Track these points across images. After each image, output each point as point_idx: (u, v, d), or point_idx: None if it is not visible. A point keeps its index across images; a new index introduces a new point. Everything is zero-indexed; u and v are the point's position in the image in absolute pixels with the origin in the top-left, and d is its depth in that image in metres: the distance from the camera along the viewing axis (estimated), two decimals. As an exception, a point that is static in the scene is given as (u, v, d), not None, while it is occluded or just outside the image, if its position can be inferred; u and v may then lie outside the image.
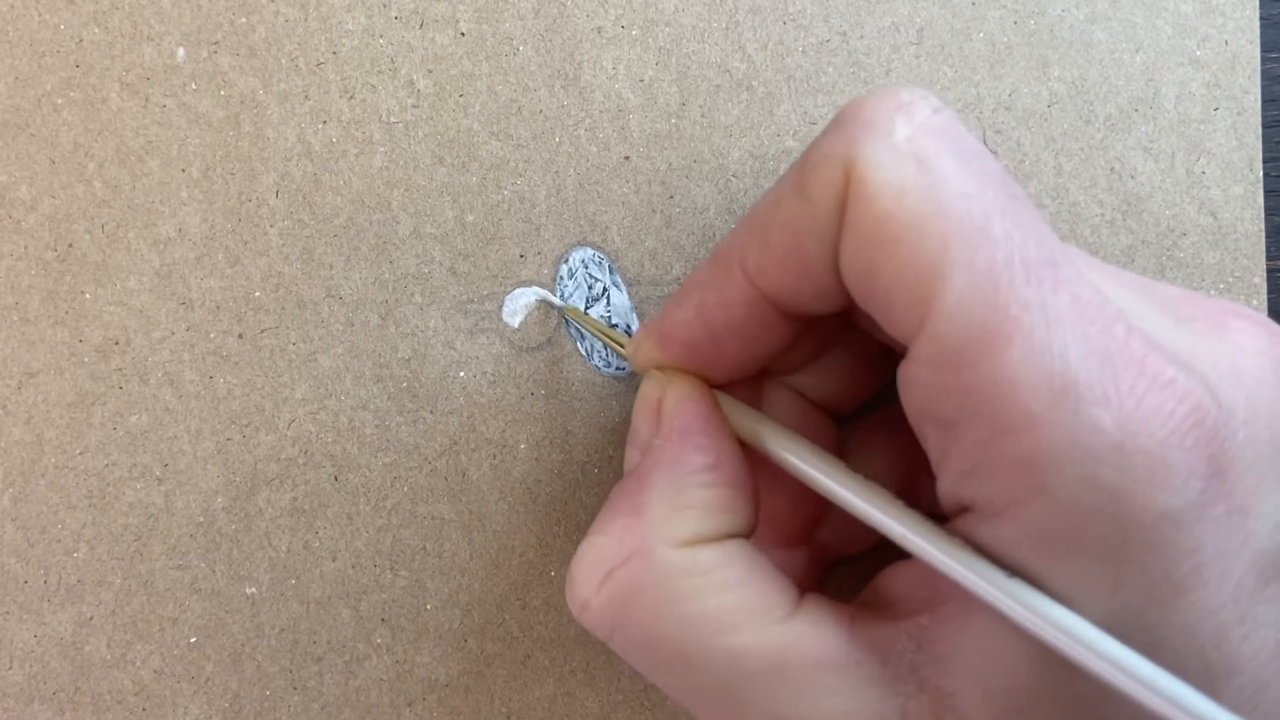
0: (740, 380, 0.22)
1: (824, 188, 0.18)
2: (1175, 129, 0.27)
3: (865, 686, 0.18)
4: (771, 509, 0.23)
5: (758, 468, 0.21)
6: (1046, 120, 0.27)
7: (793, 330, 0.21)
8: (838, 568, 0.26)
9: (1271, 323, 0.19)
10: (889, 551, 0.20)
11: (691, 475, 0.20)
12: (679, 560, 0.19)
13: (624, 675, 0.27)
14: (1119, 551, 0.16)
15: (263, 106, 0.27)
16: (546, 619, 0.27)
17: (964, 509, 0.18)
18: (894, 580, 0.20)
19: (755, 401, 0.23)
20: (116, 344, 0.27)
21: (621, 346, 0.25)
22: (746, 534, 0.20)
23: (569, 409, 0.27)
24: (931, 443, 0.18)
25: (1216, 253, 0.27)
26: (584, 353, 0.27)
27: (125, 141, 0.27)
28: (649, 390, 0.22)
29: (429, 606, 0.26)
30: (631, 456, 0.22)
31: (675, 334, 0.21)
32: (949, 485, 0.18)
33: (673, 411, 0.21)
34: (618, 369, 0.27)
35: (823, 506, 0.23)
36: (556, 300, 0.26)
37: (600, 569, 0.19)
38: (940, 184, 0.17)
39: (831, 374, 0.23)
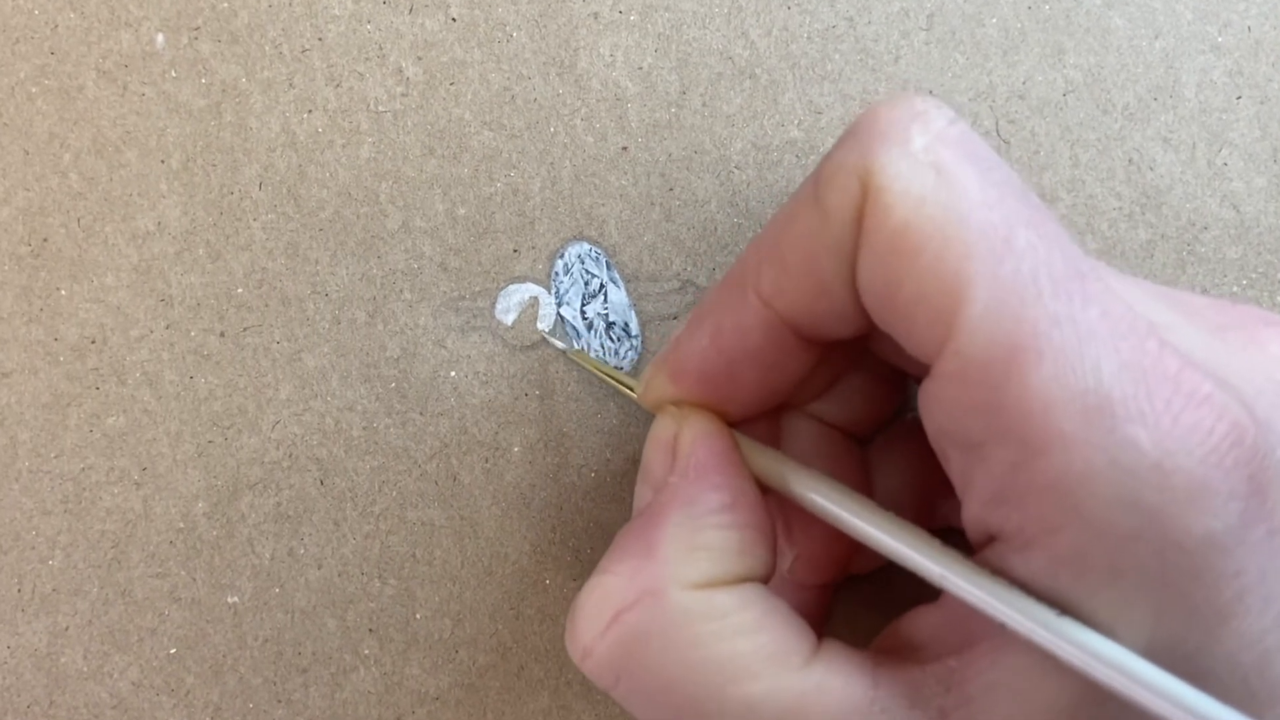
0: (758, 414, 0.22)
1: (840, 199, 0.17)
2: (1196, 118, 0.27)
3: None
4: (808, 545, 0.22)
5: (788, 505, 0.21)
6: (1062, 109, 0.27)
7: (811, 357, 0.20)
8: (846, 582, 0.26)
9: None
10: (900, 570, 0.19)
11: (707, 515, 0.19)
12: (693, 603, 0.18)
13: None
14: (1160, 578, 0.16)
15: (245, 95, 0.26)
16: (541, 629, 0.26)
17: (992, 537, 0.17)
18: (917, 624, 0.20)
19: (774, 432, 0.23)
20: (93, 343, 0.26)
21: (630, 390, 0.24)
22: (764, 578, 0.20)
23: (565, 410, 0.26)
24: (955, 466, 0.18)
25: (1239, 248, 0.27)
26: (580, 348, 0.26)
27: (102, 132, 0.26)
28: (663, 427, 0.21)
29: (418, 616, 0.26)
30: (643, 495, 0.21)
31: (689, 366, 0.20)
32: (976, 512, 0.17)
33: (689, 449, 0.20)
34: (615, 368, 0.26)
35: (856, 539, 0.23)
36: (559, 344, 0.26)
37: (607, 611, 0.19)
38: (961, 194, 0.17)
39: (851, 399, 0.23)
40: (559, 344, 0.26)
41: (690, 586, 0.18)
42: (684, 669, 0.18)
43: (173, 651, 0.26)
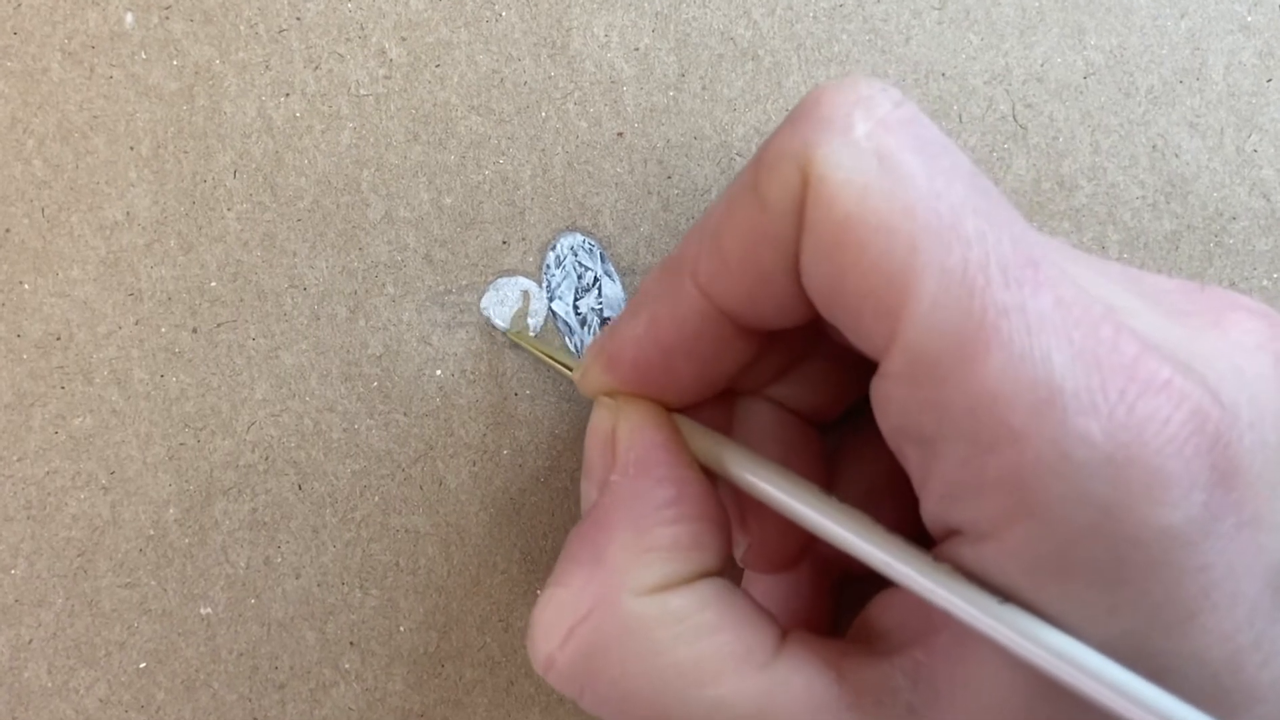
0: (704, 401, 0.21)
1: (780, 190, 0.17)
2: (1224, 102, 0.26)
3: None
4: (761, 532, 0.22)
5: (741, 491, 0.21)
6: (1082, 93, 0.26)
7: (753, 346, 0.20)
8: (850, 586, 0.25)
9: (1272, 313, 0.18)
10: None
11: (654, 513, 0.19)
12: (647, 609, 0.18)
13: None
14: (1114, 574, 0.15)
15: (219, 78, 0.25)
16: None
17: (950, 532, 0.17)
18: (884, 611, 0.19)
19: (726, 418, 0.22)
20: (58, 339, 0.25)
21: (570, 369, 0.23)
22: (719, 570, 0.19)
23: (556, 411, 0.25)
24: (912, 462, 0.18)
25: (1269, 239, 0.26)
26: (573, 349, 0.25)
27: (68, 116, 0.25)
28: (600, 420, 0.21)
29: (402, 628, 0.25)
30: (588, 493, 0.21)
31: (625, 355, 0.20)
32: (932, 508, 0.17)
33: (627, 443, 0.20)
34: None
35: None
36: (499, 323, 0.25)
37: (561, 625, 0.19)
38: (905, 182, 0.16)
39: (809, 384, 0.22)
40: (499, 323, 0.25)
41: (643, 592, 0.18)
42: (645, 677, 0.18)
43: (142, 666, 0.25)
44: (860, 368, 0.22)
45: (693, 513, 0.19)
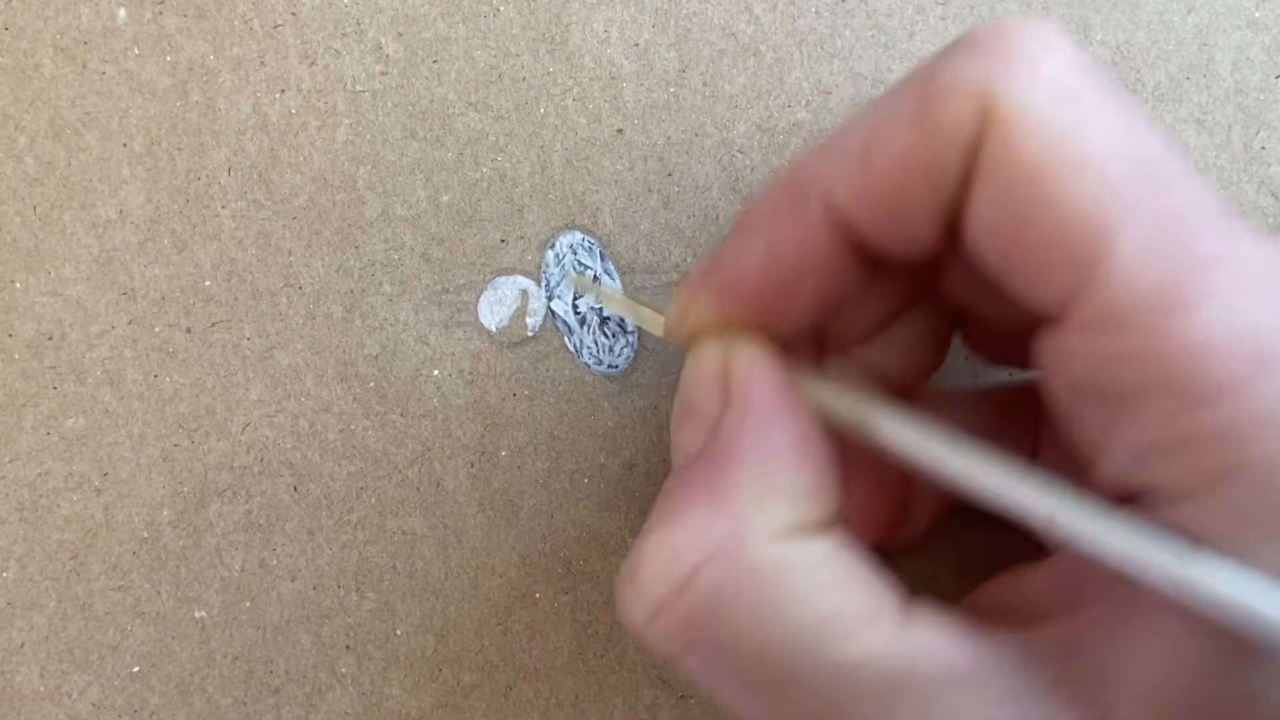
0: (798, 339, 0.20)
1: (954, 119, 0.16)
2: (1231, 99, 0.25)
3: (1005, 703, 0.16)
4: (847, 506, 0.21)
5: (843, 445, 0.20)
6: None
7: (864, 276, 0.19)
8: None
9: None
10: (944, 543, 0.18)
11: (780, 453, 0.18)
12: (780, 554, 0.17)
13: (616, 709, 0.25)
14: None
15: (213, 74, 0.25)
16: (530, 646, 0.25)
17: (1134, 496, 0.16)
18: (1015, 587, 0.18)
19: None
20: (50, 339, 0.25)
21: (659, 314, 0.22)
22: (837, 524, 0.18)
23: (555, 412, 0.25)
24: (1092, 422, 0.17)
25: (1278, 237, 0.25)
26: (572, 349, 0.25)
27: (60, 113, 0.25)
28: (709, 359, 0.19)
29: (399, 632, 0.25)
30: (691, 437, 0.19)
31: (743, 281, 0.19)
32: (1120, 468, 0.16)
33: (747, 380, 0.18)
34: (610, 367, 0.25)
35: (907, 497, 0.22)
36: (540, 293, 0.24)
37: (679, 569, 0.17)
38: (1102, 123, 0.16)
39: (899, 346, 0.21)
40: (539, 293, 0.24)
41: (773, 535, 0.17)
42: (772, 631, 0.16)
43: (136, 670, 0.25)
44: (944, 336, 0.22)
45: (815, 459, 0.18)
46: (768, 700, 0.17)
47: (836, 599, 0.17)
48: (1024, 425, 0.22)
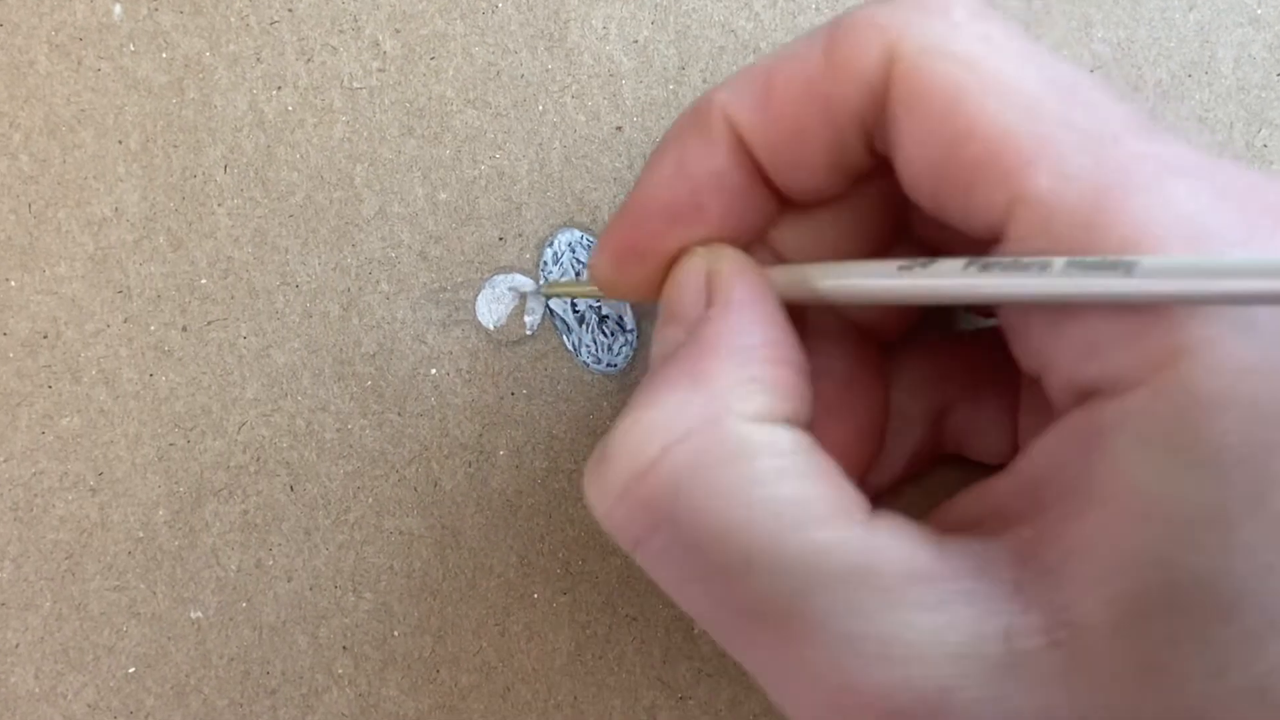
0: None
1: (859, 58, 0.17)
2: (1233, 96, 0.25)
3: (961, 604, 0.16)
4: (828, 437, 0.21)
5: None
6: None
7: (777, 206, 0.20)
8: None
9: None
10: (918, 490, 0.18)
11: (759, 348, 0.18)
12: (754, 435, 0.17)
13: (614, 710, 0.25)
14: (1277, 414, 0.15)
15: (209, 70, 0.25)
16: (529, 647, 0.25)
17: (1086, 394, 0.16)
18: (977, 498, 0.18)
19: (801, 327, 0.21)
20: (45, 337, 0.24)
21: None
22: (808, 427, 0.18)
23: (554, 411, 0.25)
24: (1037, 330, 0.17)
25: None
26: (571, 347, 0.24)
27: (55, 110, 0.25)
28: (693, 265, 0.19)
29: (396, 633, 0.25)
30: (670, 337, 0.19)
31: (655, 199, 0.19)
32: (1067, 371, 0.17)
33: (728, 282, 0.19)
34: (609, 365, 0.24)
35: (879, 434, 0.22)
36: (530, 285, 0.24)
37: (653, 444, 0.16)
38: (1014, 51, 0.16)
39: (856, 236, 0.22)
40: (529, 286, 0.24)
41: (749, 419, 0.17)
42: (741, 510, 0.16)
43: (131, 670, 0.24)
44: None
45: (793, 359, 0.18)
46: (724, 589, 0.17)
47: (805, 486, 0.17)
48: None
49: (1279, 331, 0.15)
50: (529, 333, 0.25)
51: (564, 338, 0.25)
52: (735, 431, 0.17)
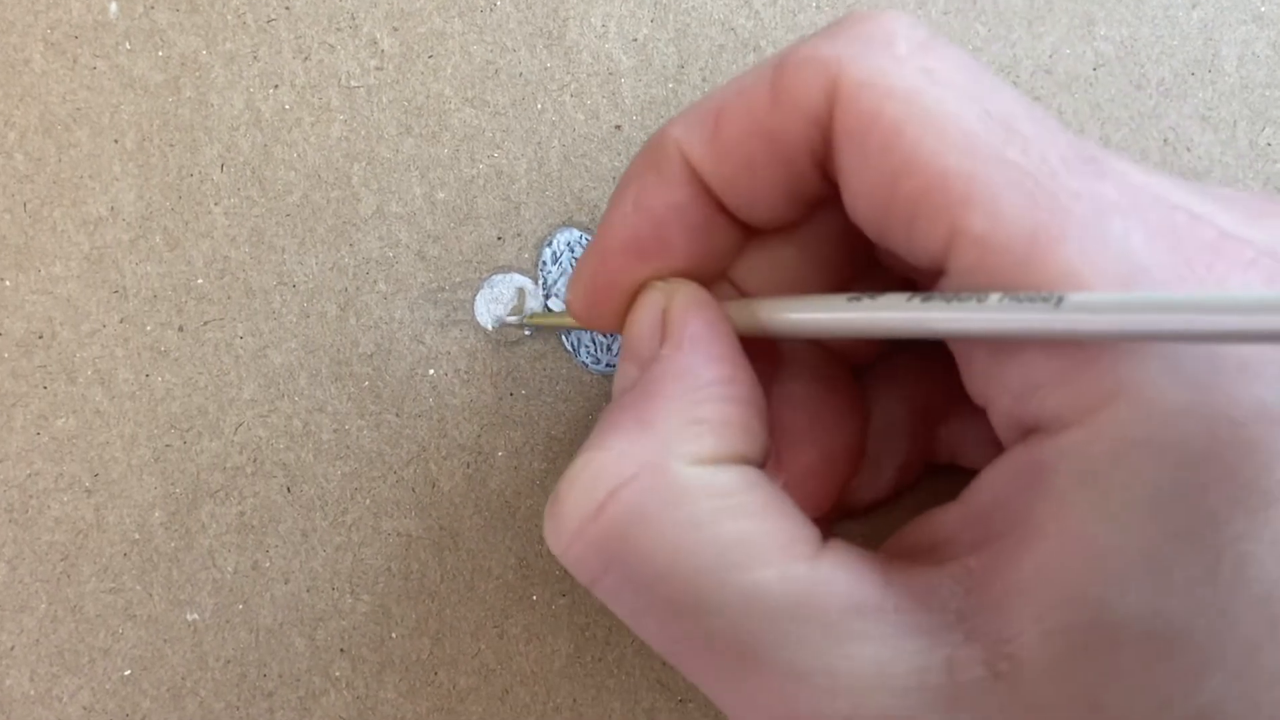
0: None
1: (803, 92, 0.17)
2: (1237, 95, 0.25)
3: (905, 636, 0.16)
4: (795, 468, 0.21)
5: (776, 427, 0.20)
6: (1092, 85, 0.25)
7: (739, 237, 0.20)
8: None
9: None
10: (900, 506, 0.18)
11: (707, 387, 0.18)
12: (696, 477, 0.17)
13: (614, 713, 0.24)
14: (1206, 454, 0.15)
15: (206, 69, 0.24)
16: (528, 649, 0.24)
17: (1028, 431, 0.17)
18: (930, 526, 0.19)
19: (772, 355, 0.22)
20: (40, 338, 0.24)
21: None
22: (760, 463, 0.19)
23: (553, 411, 0.25)
24: (979, 365, 0.17)
25: None
26: (570, 348, 0.24)
27: (50, 109, 0.24)
28: (651, 300, 0.20)
29: (394, 635, 0.24)
30: (627, 373, 0.20)
31: (616, 236, 0.20)
32: (1008, 407, 0.17)
33: (682, 319, 0.19)
34: (608, 365, 0.24)
35: (855, 456, 0.22)
36: (513, 319, 0.25)
37: (600, 488, 0.17)
38: (953, 90, 0.16)
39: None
40: (512, 320, 0.25)
41: (693, 461, 0.17)
42: (684, 552, 0.17)
43: (127, 673, 0.24)
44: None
45: (743, 395, 0.18)
46: (679, 623, 0.17)
47: (750, 524, 0.17)
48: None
49: (1208, 372, 0.15)
50: (528, 333, 0.25)
51: (562, 338, 0.25)
52: (678, 475, 0.17)
